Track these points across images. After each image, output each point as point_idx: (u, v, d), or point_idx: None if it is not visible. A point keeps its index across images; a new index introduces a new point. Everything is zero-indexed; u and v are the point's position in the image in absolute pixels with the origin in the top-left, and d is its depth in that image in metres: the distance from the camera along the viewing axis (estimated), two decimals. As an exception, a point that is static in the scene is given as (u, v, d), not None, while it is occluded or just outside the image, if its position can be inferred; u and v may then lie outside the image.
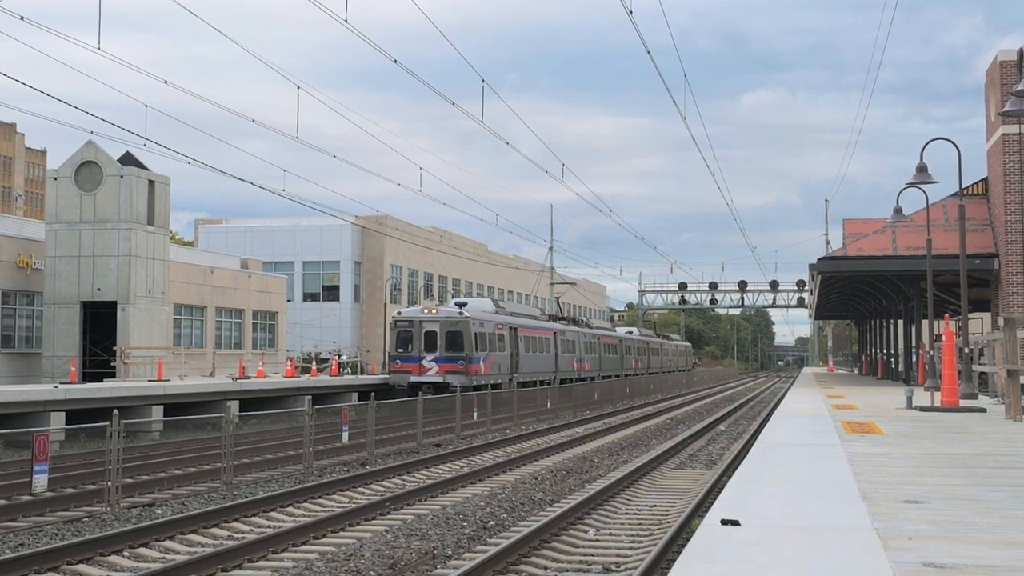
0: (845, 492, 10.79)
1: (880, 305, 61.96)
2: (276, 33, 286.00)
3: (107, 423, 18.72)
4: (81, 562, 13.82)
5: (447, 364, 50.09)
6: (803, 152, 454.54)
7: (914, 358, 47.74)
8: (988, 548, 7.90)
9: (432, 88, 40.45)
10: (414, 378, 49.36)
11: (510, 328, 57.30)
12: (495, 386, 49.53)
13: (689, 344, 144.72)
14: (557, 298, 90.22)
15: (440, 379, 48.91)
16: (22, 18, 26.06)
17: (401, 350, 51.35)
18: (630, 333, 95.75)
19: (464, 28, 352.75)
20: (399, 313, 53.70)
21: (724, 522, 8.61)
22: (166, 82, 31.91)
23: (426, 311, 52.06)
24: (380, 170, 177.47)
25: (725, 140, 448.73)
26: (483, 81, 37.92)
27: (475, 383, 49.00)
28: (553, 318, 72.74)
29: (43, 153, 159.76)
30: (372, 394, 31.96)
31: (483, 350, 52.32)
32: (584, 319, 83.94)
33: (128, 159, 48.32)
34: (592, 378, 69.69)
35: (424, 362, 50.48)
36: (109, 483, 18.27)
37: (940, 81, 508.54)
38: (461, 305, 53.64)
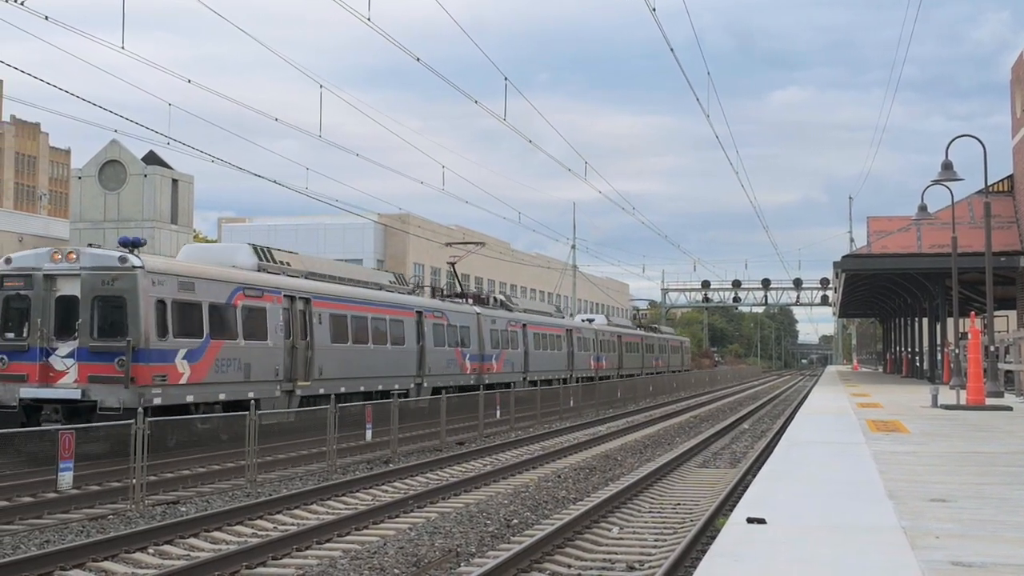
0: (871, 491, 10.74)
1: (905, 303, 61.67)
2: (288, 32, 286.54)
3: (131, 421, 18.77)
4: (106, 559, 13.86)
5: (95, 363, 24.99)
6: (826, 150, 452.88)
7: (939, 356, 47.52)
8: (1016, 547, 7.84)
9: (455, 87, 40.46)
10: (28, 391, 24.92)
11: (289, 297, 30.93)
12: (231, 406, 26.97)
13: (687, 339, 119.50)
14: (452, 264, 53.49)
15: (76, 392, 24.64)
16: (46, 18, 26.16)
17: (11, 335, 25.78)
18: (589, 321, 71.70)
19: (478, 27, 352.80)
20: (8, 260, 26.85)
21: (750, 520, 8.58)
22: (189, 81, 31.99)
23: (59, 257, 26.08)
24: (402, 168, 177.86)
25: (746, 138, 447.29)
26: (506, 79, 37.89)
27: (163, 401, 25.15)
28: (440, 294, 49.26)
29: (67, 152, 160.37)
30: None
31: (192, 335, 26.70)
32: (502, 297, 54.43)
33: (152, 158, 48.54)
34: (508, 384, 47.00)
35: (53, 358, 25.44)
36: (134, 481, 18.32)
37: (961, 78, 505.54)
38: (131, 246, 26.34)
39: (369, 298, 36.36)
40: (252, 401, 25.04)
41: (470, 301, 47.92)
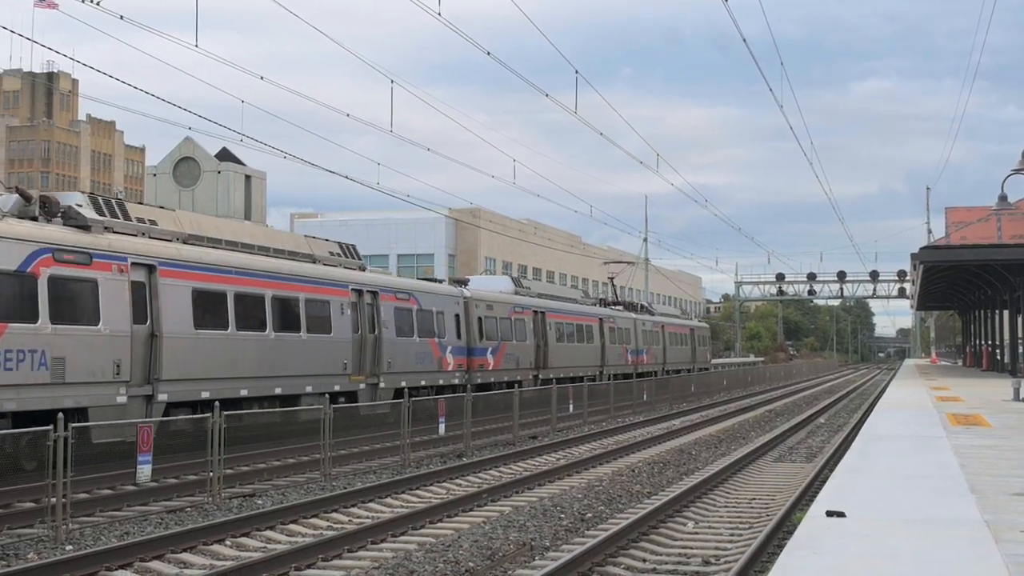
0: (953, 484, 10.55)
1: (985, 295, 60.63)
2: (354, 28, 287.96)
3: (208, 415, 18.97)
4: (185, 551, 14.01)
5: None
6: (904, 140, 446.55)
7: (1021, 349, 46.67)
8: (1106, 542, 7.65)
9: (526, 80, 40.43)
10: None
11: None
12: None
13: (704, 326, 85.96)
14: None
15: None
16: (121, 17, 26.46)
17: None
18: (460, 285, 40.11)
19: (549, 20, 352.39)
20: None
21: (830, 513, 8.45)
22: (262, 78, 32.19)
23: None
24: (473, 163, 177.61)
25: (820, 129, 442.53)
26: (576, 72, 37.77)
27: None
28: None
29: (142, 150, 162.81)
30: (468, 386, 32.17)
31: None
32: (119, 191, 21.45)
33: (225, 155, 49.10)
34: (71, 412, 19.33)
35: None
36: (211, 474, 18.51)
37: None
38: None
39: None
40: (326, 396, 25.13)
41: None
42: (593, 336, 50.76)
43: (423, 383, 33.22)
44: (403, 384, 31.33)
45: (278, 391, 25.84)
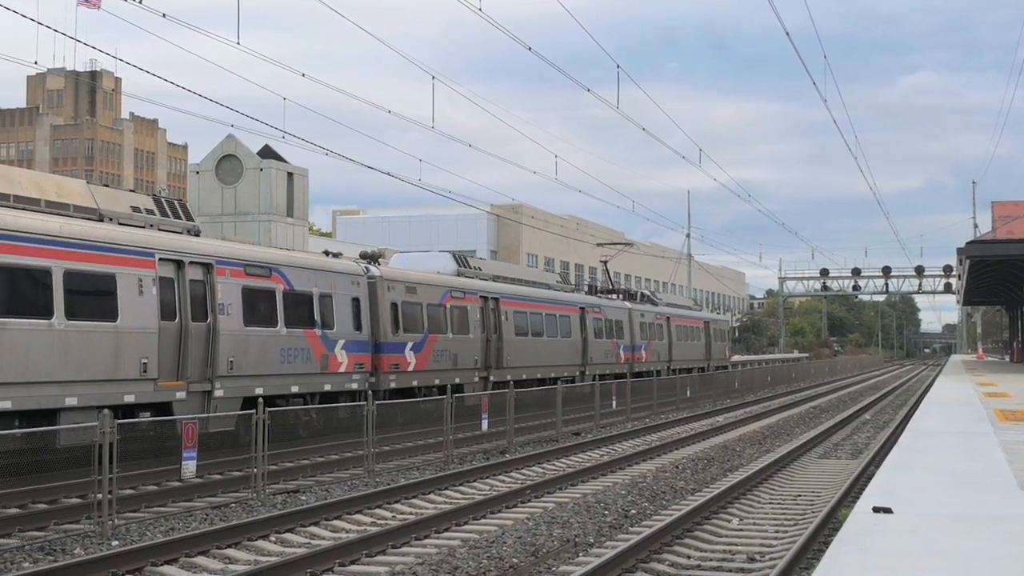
0: (1001, 481, 10.43)
1: (1032, 290, 59.93)
2: (391, 26, 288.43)
3: (253, 411, 19.06)
4: (230, 546, 14.08)
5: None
6: (946, 134, 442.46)
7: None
8: None
9: (568, 76, 40.30)
10: None
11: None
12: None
13: (725, 318, 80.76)
14: None
15: None
16: (164, 15, 26.62)
17: None
18: (371, 261, 30.70)
19: (591, 16, 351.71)
20: None
21: (876, 510, 8.37)
22: (304, 75, 32.32)
23: None
24: (514, 158, 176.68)
25: (863, 123, 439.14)
26: (618, 67, 37.64)
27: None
28: None
29: (184, 148, 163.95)
30: (511, 383, 32.10)
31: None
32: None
33: (267, 152, 49.33)
34: None
35: None
36: (255, 470, 18.60)
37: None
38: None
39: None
40: (369, 393, 25.18)
41: None
42: (571, 329, 42.15)
43: (295, 389, 25.21)
44: (258, 391, 23.06)
45: (6, 405, 17.80)
